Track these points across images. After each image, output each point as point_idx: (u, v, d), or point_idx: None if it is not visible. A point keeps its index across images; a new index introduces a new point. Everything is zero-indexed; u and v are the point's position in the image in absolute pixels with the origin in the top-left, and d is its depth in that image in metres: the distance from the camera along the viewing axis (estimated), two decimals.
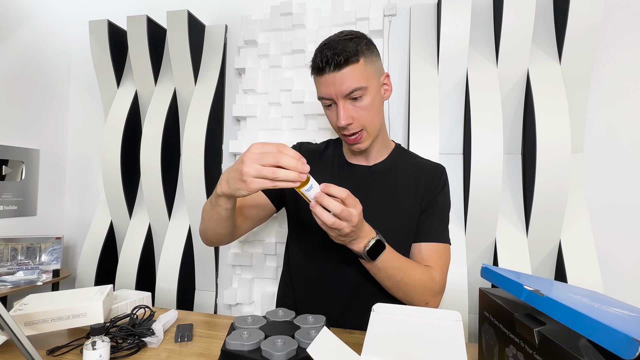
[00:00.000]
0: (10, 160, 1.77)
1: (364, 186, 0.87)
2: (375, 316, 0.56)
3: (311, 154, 0.94)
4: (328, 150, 0.96)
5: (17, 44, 1.79)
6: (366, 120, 0.80)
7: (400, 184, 0.88)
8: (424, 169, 0.90)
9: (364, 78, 0.77)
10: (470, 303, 1.31)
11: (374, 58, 0.81)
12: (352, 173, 0.90)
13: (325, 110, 0.83)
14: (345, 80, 0.75)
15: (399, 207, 0.86)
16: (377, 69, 0.81)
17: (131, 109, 1.73)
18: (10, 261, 1.72)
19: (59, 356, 0.68)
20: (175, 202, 1.74)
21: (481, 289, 0.64)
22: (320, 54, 0.77)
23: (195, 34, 1.65)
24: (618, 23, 1.37)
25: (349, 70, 0.75)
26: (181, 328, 0.77)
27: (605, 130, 1.39)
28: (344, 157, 0.93)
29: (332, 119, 0.82)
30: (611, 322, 0.38)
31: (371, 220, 0.81)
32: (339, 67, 0.75)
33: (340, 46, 0.76)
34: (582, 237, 1.30)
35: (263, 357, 0.55)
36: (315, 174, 0.89)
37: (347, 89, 0.76)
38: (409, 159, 0.93)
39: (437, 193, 0.88)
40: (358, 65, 0.76)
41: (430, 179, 0.88)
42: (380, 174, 0.89)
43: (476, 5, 1.43)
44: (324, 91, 0.79)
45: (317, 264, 0.88)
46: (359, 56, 0.76)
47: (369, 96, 0.78)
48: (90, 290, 0.82)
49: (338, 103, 0.78)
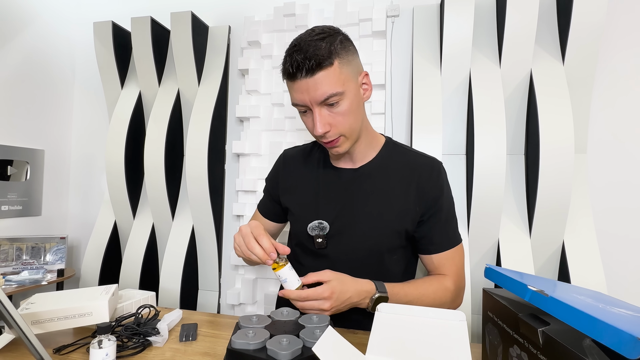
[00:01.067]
0: (15, 161, 1.79)
1: (350, 191, 0.83)
2: (380, 316, 0.56)
3: (296, 160, 0.93)
4: (314, 153, 0.92)
5: (22, 46, 1.81)
6: (344, 126, 0.74)
7: (391, 186, 0.82)
8: (417, 168, 0.83)
9: (339, 82, 0.70)
10: (473, 303, 1.31)
11: (349, 58, 0.73)
12: (338, 177, 0.86)
13: (301, 116, 0.78)
14: (320, 87, 0.69)
15: (390, 211, 0.81)
16: (354, 69, 0.75)
17: (135, 109, 1.74)
18: (15, 261, 1.74)
19: (65, 355, 0.69)
20: (179, 203, 1.75)
21: (485, 289, 0.64)
22: (290, 58, 0.70)
23: (198, 35, 1.66)
24: (622, 23, 1.37)
25: (323, 76, 0.69)
26: (186, 327, 0.77)
27: (609, 131, 1.38)
28: (329, 160, 0.89)
29: (309, 126, 0.77)
30: (615, 322, 0.38)
31: (357, 226, 0.81)
32: (311, 72, 0.68)
33: (312, 48, 0.68)
34: (586, 238, 1.29)
35: (269, 356, 0.55)
36: (300, 177, 0.91)
37: (321, 95, 0.70)
38: (401, 155, 0.86)
39: (437, 198, 0.82)
40: (332, 68, 0.69)
41: (425, 181, 0.82)
42: (367, 176, 0.84)
43: (479, 5, 1.43)
44: (298, 98, 0.73)
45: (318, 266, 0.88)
46: (333, 58, 0.69)
47: (346, 100, 0.72)
48: (96, 290, 0.83)
49: (313, 110, 0.72)
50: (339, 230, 0.83)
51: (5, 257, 1.72)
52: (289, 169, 0.93)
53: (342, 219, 0.83)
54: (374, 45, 1.54)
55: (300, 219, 0.87)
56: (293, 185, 0.91)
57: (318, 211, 0.84)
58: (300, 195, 0.89)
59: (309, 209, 0.86)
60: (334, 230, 0.83)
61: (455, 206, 0.89)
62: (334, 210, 0.83)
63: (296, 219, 0.89)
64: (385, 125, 1.54)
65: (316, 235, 0.84)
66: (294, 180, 0.91)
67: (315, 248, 0.85)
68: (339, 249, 0.83)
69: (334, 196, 0.85)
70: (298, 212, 0.88)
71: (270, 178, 0.98)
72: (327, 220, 0.83)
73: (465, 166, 1.43)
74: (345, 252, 0.83)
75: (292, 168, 0.93)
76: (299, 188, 0.90)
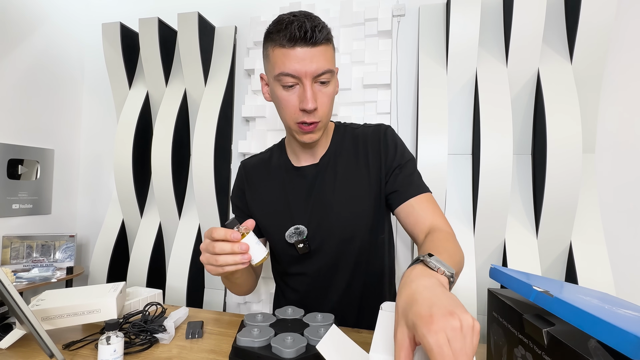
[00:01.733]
0: (25, 160, 1.82)
1: (316, 187, 0.82)
2: (384, 314, 0.56)
3: (257, 169, 0.89)
4: (274, 159, 0.89)
5: (32, 47, 1.84)
6: (325, 110, 0.72)
7: (351, 167, 0.81)
8: (367, 139, 0.82)
9: (333, 61, 0.70)
10: (478, 304, 1.31)
11: (333, 46, 0.74)
12: (302, 177, 0.84)
13: (281, 92, 0.71)
14: (319, 59, 0.67)
15: (359, 191, 0.80)
16: (334, 59, 0.74)
17: (142, 109, 1.76)
18: (25, 258, 1.77)
19: (74, 350, 0.70)
20: (186, 202, 1.76)
21: (490, 289, 0.64)
22: (297, 23, 0.65)
23: (205, 36, 1.67)
24: (631, 22, 1.35)
25: (324, 50, 0.68)
26: (192, 325, 0.78)
27: (617, 131, 1.37)
28: (290, 161, 0.86)
29: (292, 103, 0.71)
30: (621, 323, 0.38)
31: (335, 219, 0.79)
32: (316, 42, 0.66)
33: (317, 21, 0.67)
34: (594, 239, 1.28)
35: (273, 354, 0.56)
36: (266, 187, 0.86)
37: (319, 68, 0.67)
38: (350, 134, 0.85)
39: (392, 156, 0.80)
40: (330, 47, 0.70)
41: (377, 146, 0.81)
42: (327, 168, 0.82)
43: (485, 4, 1.42)
44: (292, 67, 0.67)
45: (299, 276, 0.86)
46: (331, 38, 0.70)
47: (332, 84, 0.72)
48: (104, 287, 0.84)
49: (305, 84, 0.68)
50: (317, 229, 0.81)
51: (16, 255, 1.75)
52: (252, 179, 0.89)
53: (317, 217, 0.80)
54: (379, 45, 1.53)
55: (276, 229, 0.83)
56: (260, 196, 0.87)
57: (292, 216, 0.82)
58: (270, 205, 0.85)
59: (283, 216, 0.83)
60: (312, 231, 0.81)
61: (461, 205, 0.88)
62: (306, 212, 0.81)
63: (272, 230, 0.85)
64: (391, 124, 1.54)
65: (296, 241, 0.81)
66: (261, 190, 0.87)
67: (299, 254, 0.82)
68: (323, 248, 0.81)
69: (304, 197, 0.82)
70: (271, 222, 0.84)
71: (236, 194, 0.92)
72: (303, 223, 0.81)
73: (471, 166, 1.43)
74: (330, 248, 0.81)
75: (256, 179, 0.88)
76: (267, 197, 0.86)
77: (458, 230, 1.36)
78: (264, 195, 0.86)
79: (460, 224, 1.38)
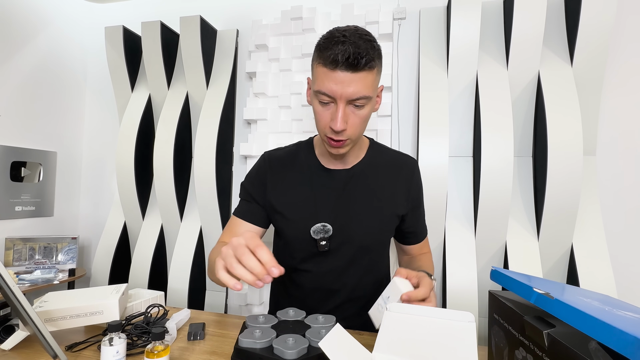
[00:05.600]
0: (28, 162, 1.83)
1: (346, 191, 0.85)
2: (389, 315, 0.56)
3: (283, 162, 0.90)
4: (301, 155, 0.90)
5: (36, 50, 1.85)
6: (356, 130, 0.75)
7: (380, 183, 0.86)
8: (402, 167, 0.89)
9: (372, 87, 0.72)
10: (480, 306, 1.30)
11: (380, 69, 0.76)
12: (331, 178, 0.86)
13: (317, 106, 0.76)
14: (357, 85, 0.70)
15: (383, 207, 0.86)
16: (379, 80, 0.77)
17: (145, 112, 1.77)
18: (28, 260, 1.77)
19: (77, 352, 0.70)
20: (187, 204, 1.77)
21: (491, 291, 0.64)
22: (342, 47, 0.68)
23: (207, 39, 1.68)
24: (631, 24, 1.36)
25: (364, 76, 0.70)
26: (194, 327, 0.78)
27: (618, 133, 1.37)
28: (319, 161, 0.88)
29: (324, 118, 0.75)
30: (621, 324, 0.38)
31: (358, 225, 0.84)
32: (356, 68, 0.68)
33: (364, 46, 0.69)
34: (595, 241, 1.28)
35: (275, 355, 0.56)
36: (292, 181, 0.87)
37: (354, 94, 0.70)
38: (384, 155, 0.91)
39: (418, 194, 0.92)
40: (373, 72, 0.71)
41: (410, 177, 0.89)
42: (359, 176, 0.86)
43: (486, 7, 1.43)
44: (329, 88, 0.71)
45: (308, 273, 0.87)
46: (375, 64, 0.71)
47: (368, 107, 0.75)
48: (107, 289, 0.84)
49: (338, 105, 0.72)
50: (340, 230, 0.84)
51: (19, 257, 1.76)
52: (277, 170, 0.89)
53: (341, 220, 0.84)
54: (380, 48, 1.54)
55: (300, 223, 0.85)
56: (285, 188, 0.88)
57: (317, 214, 0.84)
58: (295, 198, 0.86)
59: (308, 212, 0.85)
60: (335, 231, 0.84)
61: (463, 208, 0.94)
62: (333, 212, 0.84)
63: (295, 224, 0.85)
64: (392, 127, 1.54)
65: (320, 238, 0.84)
66: (286, 183, 0.88)
67: (318, 250, 0.84)
68: (340, 250, 0.85)
69: (331, 197, 0.85)
70: (296, 216, 0.85)
71: (252, 181, 0.92)
72: (328, 222, 0.84)
73: (472, 168, 1.43)
74: (347, 251, 0.85)
75: (281, 171, 0.89)
76: (293, 191, 0.87)
77: (459, 232, 1.37)
78: (289, 188, 0.87)
79: (461, 226, 1.38)
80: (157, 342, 0.59)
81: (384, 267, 0.94)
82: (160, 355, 0.58)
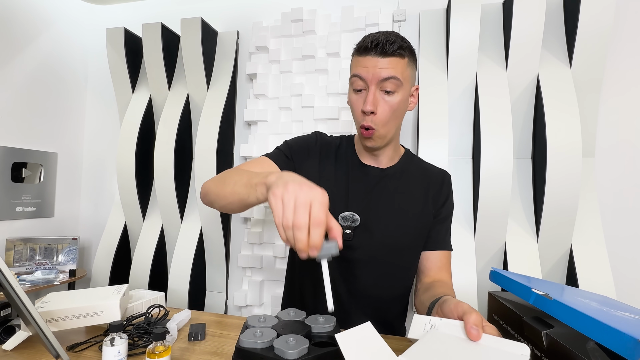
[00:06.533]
0: (29, 163, 1.83)
1: (377, 188, 0.88)
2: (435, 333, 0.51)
3: (328, 148, 0.93)
4: (342, 148, 0.94)
5: (37, 51, 1.86)
6: (385, 119, 0.78)
7: (410, 189, 0.89)
8: (432, 176, 0.92)
9: (402, 73, 0.77)
10: (479, 307, 1.31)
11: (413, 65, 0.81)
12: (365, 174, 0.89)
13: (351, 95, 0.81)
14: (386, 67, 0.75)
15: (409, 211, 0.87)
16: (413, 76, 0.82)
17: (145, 113, 1.78)
18: (28, 261, 1.78)
19: (78, 352, 0.70)
20: (188, 205, 1.77)
21: (490, 292, 0.65)
22: (372, 36, 0.77)
23: (208, 41, 1.69)
24: (630, 26, 1.36)
25: (393, 61, 0.75)
26: (194, 327, 0.79)
27: (617, 135, 1.37)
28: (357, 157, 0.92)
29: (358, 104, 0.80)
30: (618, 325, 0.38)
31: (384, 222, 0.84)
32: (385, 53, 0.74)
33: (394, 37, 0.76)
34: (594, 242, 1.28)
35: (276, 355, 0.56)
36: (329, 167, 0.90)
37: (385, 74, 0.75)
38: (418, 164, 0.95)
39: (446, 203, 0.91)
40: (403, 60, 0.77)
41: (439, 187, 0.91)
42: (392, 177, 0.89)
43: (485, 9, 1.44)
44: (360, 70, 0.77)
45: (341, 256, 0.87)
46: (405, 54, 0.77)
47: (399, 95, 0.78)
48: (108, 290, 0.85)
49: (370, 88, 0.77)
50: (366, 224, 0.85)
51: (19, 258, 1.76)
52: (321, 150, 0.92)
53: (369, 214, 0.85)
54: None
55: (330, 205, 0.84)
56: (322, 170, 0.90)
57: (347, 203, 0.86)
58: (329, 183, 0.87)
59: (339, 199, 0.86)
60: (361, 223, 0.85)
61: (463, 209, 0.92)
62: (362, 205, 0.86)
63: None
64: None
65: (347, 226, 0.85)
66: (325, 166, 0.90)
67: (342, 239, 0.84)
68: (364, 242, 0.85)
69: (362, 191, 0.87)
70: None
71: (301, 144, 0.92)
72: (356, 212, 0.85)
73: (471, 170, 1.43)
74: (369, 245, 0.85)
75: (325, 152, 0.92)
76: (328, 176, 0.89)
77: (459, 233, 1.37)
78: (326, 172, 0.90)
79: (461, 227, 1.38)
80: (159, 343, 0.59)
81: (403, 279, 0.90)
82: (162, 355, 0.59)
